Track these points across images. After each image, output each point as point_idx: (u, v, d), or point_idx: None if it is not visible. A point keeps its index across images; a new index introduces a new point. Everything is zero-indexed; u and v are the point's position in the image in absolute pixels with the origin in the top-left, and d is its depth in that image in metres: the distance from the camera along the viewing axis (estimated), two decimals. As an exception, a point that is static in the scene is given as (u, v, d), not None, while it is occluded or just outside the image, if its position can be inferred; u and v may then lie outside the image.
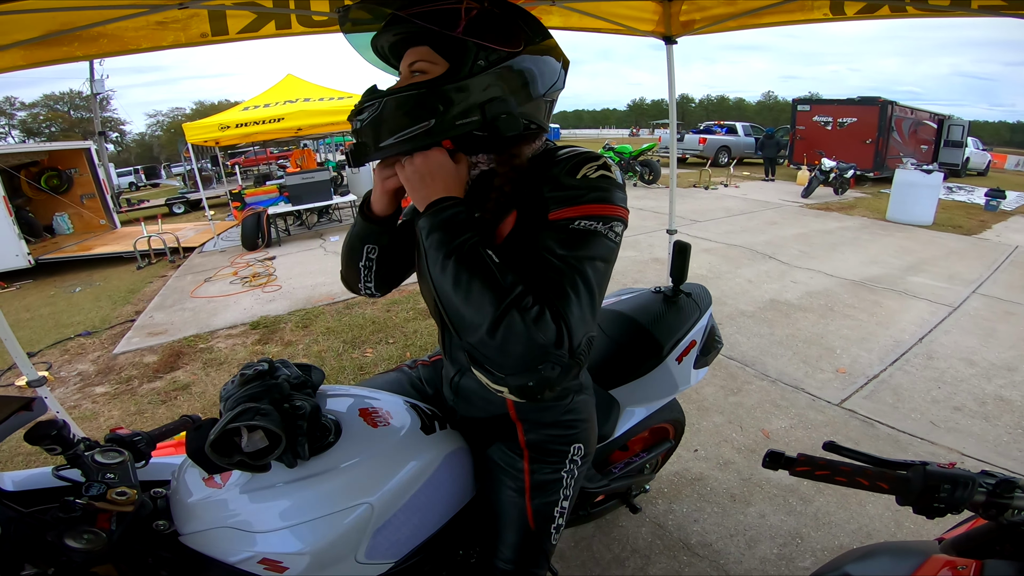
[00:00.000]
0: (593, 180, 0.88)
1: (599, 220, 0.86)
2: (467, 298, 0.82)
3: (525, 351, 0.80)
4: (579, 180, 0.88)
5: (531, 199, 0.92)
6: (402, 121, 0.91)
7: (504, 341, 0.79)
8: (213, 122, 9.15)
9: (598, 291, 0.86)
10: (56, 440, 0.94)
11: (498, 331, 0.79)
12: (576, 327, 0.81)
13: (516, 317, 0.79)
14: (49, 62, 2.20)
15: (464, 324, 0.84)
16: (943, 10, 2.38)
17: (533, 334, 0.78)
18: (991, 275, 6.16)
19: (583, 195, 0.87)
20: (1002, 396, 3.40)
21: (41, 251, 8.92)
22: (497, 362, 0.83)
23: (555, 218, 0.87)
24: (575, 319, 0.81)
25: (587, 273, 0.84)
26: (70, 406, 3.67)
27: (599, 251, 0.86)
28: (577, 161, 0.90)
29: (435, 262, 0.86)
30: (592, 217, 0.86)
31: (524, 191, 0.93)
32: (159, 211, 14.21)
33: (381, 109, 0.92)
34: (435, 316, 1.20)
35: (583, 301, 0.83)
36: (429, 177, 0.91)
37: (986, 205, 11.09)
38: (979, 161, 19.88)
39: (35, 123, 41.30)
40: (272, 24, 2.43)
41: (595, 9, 2.98)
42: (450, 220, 0.87)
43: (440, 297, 0.87)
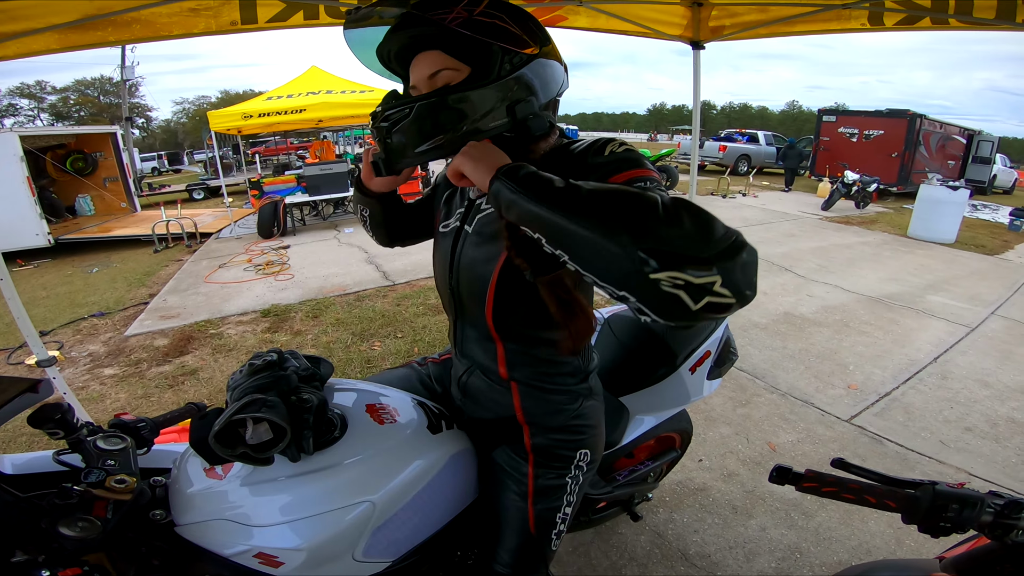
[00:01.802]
0: (620, 154, 0.86)
1: (643, 180, 0.80)
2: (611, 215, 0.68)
3: (698, 217, 0.67)
4: (608, 156, 0.87)
5: None
6: (436, 126, 0.91)
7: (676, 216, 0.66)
8: (237, 111, 9.24)
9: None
10: (59, 424, 0.93)
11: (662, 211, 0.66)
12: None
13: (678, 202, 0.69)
14: (82, 46, 2.23)
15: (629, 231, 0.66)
16: (987, 23, 2.32)
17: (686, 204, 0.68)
18: (1011, 296, 6.03)
19: (618, 167, 0.84)
20: (1014, 418, 3.33)
21: (62, 231, 9.06)
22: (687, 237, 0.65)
23: None
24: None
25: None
26: (78, 387, 3.72)
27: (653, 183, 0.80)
28: (600, 144, 0.89)
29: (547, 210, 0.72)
30: (635, 179, 0.80)
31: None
32: (179, 196, 14.37)
33: (413, 115, 0.91)
34: (448, 309, 1.20)
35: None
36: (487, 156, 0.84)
37: (1010, 225, 10.86)
38: (1006, 179, 19.48)
39: (65, 107, 41.96)
40: (300, 14, 2.45)
41: (623, 11, 2.96)
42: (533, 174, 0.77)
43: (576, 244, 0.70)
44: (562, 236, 0.71)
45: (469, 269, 1.06)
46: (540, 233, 0.73)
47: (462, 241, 1.08)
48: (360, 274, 6.33)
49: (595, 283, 0.70)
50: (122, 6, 2.07)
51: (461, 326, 1.18)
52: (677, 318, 0.65)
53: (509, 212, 0.77)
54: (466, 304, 1.11)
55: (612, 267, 0.66)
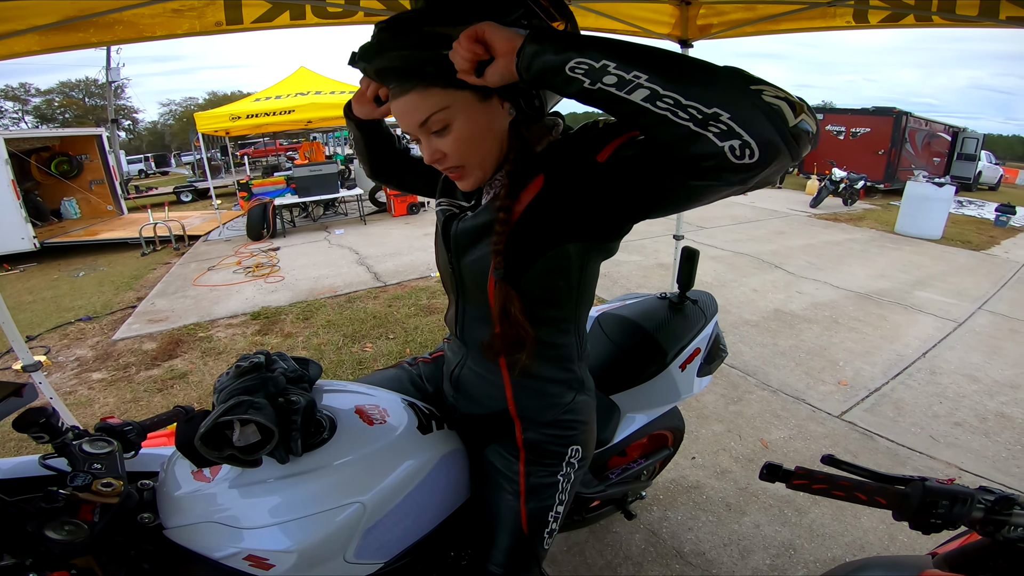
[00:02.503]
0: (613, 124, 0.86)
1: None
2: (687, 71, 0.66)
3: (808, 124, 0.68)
4: (602, 128, 0.87)
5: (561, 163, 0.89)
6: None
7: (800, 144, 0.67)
8: (224, 112, 9.18)
9: None
10: (44, 428, 0.92)
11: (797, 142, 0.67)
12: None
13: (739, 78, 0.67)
14: (65, 48, 2.21)
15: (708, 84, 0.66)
16: (970, 20, 2.35)
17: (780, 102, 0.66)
18: (998, 292, 6.10)
19: (621, 129, 0.83)
20: (1003, 413, 3.37)
21: (47, 235, 8.96)
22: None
23: (604, 157, 0.82)
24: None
25: None
26: (66, 392, 3.68)
27: None
28: (592, 121, 0.90)
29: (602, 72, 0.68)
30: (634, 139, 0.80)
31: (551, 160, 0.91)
32: (166, 199, 14.24)
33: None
34: (449, 290, 1.18)
35: None
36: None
37: (996, 220, 10.99)
38: (991, 175, 19.71)
39: (49, 109, 41.49)
40: (287, 15, 2.44)
41: (612, 10, 2.96)
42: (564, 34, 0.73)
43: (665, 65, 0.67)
44: (647, 58, 0.67)
45: (469, 250, 1.03)
46: (613, 59, 0.67)
47: (457, 222, 1.05)
48: (351, 275, 6.30)
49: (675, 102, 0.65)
50: (104, 7, 2.05)
51: (463, 306, 1.15)
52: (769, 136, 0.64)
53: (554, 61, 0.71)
54: (467, 284, 1.09)
55: (712, 85, 0.65)
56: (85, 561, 0.89)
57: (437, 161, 0.92)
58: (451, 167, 0.93)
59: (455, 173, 0.94)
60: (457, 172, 0.94)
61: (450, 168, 0.93)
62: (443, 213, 1.10)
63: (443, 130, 0.88)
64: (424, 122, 0.87)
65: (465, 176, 0.94)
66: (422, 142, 0.91)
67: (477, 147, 0.91)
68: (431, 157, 0.91)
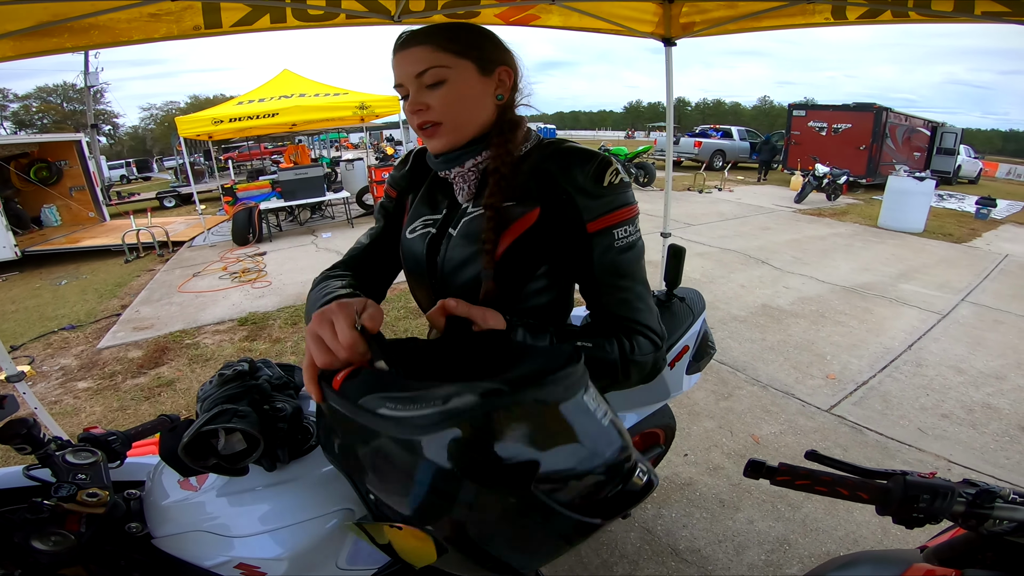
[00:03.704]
0: (617, 186, 0.94)
1: (630, 224, 0.96)
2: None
3: (647, 373, 0.95)
4: (607, 188, 0.94)
5: (557, 201, 0.95)
6: None
7: (634, 381, 0.94)
8: (206, 116, 9.08)
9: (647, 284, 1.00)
10: (26, 439, 0.92)
11: (630, 380, 0.93)
12: (654, 323, 0.96)
13: (630, 362, 0.91)
14: (39, 53, 2.17)
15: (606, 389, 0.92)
16: (946, 15, 2.37)
17: (644, 360, 0.92)
18: (980, 283, 6.19)
19: (614, 201, 0.94)
20: (990, 404, 3.41)
21: (28, 243, 8.82)
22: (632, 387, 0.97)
23: (595, 230, 0.94)
24: (651, 319, 0.95)
25: (640, 278, 0.98)
26: (51, 401, 3.62)
27: (637, 255, 0.98)
28: (597, 167, 0.94)
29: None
30: (624, 223, 0.95)
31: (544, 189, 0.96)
32: (149, 204, 14.09)
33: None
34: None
35: (645, 299, 0.97)
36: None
37: (976, 213, 11.17)
38: (971, 169, 20.01)
39: (27, 115, 40.89)
40: (267, 18, 2.41)
41: (595, 9, 2.96)
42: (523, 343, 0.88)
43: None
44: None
45: (458, 271, 1.01)
46: None
47: (445, 244, 1.03)
48: (338, 279, 6.25)
49: None
50: (79, 11, 2.01)
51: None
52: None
53: None
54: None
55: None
56: (75, 571, 0.88)
57: (418, 112, 0.94)
58: (428, 121, 0.94)
59: (429, 130, 0.96)
60: (431, 129, 0.95)
61: (426, 123, 0.95)
62: (423, 239, 1.06)
63: (436, 85, 0.92)
64: (422, 73, 0.92)
65: (438, 135, 0.96)
66: (409, 93, 0.95)
67: (460, 110, 0.95)
68: (413, 107, 0.94)
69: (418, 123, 0.96)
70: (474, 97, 0.96)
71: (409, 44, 0.93)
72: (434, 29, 0.93)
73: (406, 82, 0.94)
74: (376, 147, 16.61)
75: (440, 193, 1.09)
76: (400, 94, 0.97)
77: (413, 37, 0.94)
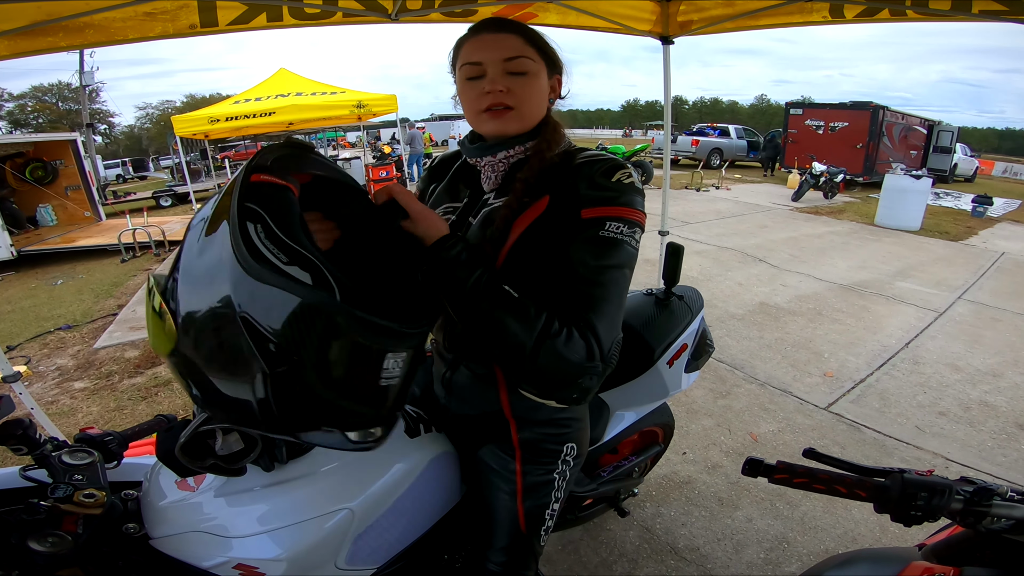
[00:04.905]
0: (626, 185, 0.96)
1: (626, 224, 0.94)
2: (499, 336, 0.89)
3: (563, 373, 0.89)
4: (614, 183, 0.95)
5: (565, 189, 0.98)
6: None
7: (543, 368, 0.88)
8: (203, 115, 9.06)
9: (622, 297, 0.94)
10: (22, 440, 0.91)
11: (537, 361, 0.87)
12: (604, 336, 0.89)
13: (548, 346, 0.86)
14: (33, 52, 2.14)
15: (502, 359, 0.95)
16: (943, 14, 2.38)
17: (567, 356, 0.87)
18: (977, 281, 6.21)
19: (616, 197, 0.95)
20: (987, 402, 3.42)
21: (24, 243, 8.77)
22: (540, 386, 0.95)
23: (588, 216, 0.94)
24: (602, 329, 0.89)
25: (614, 282, 0.93)
26: (47, 402, 3.60)
27: (623, 259, 0.94)
28: (611, 166, 0.97)
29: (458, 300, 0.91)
30: (620, 220, 0.93)
31: (557, 181, 0.99)
32: (145, 204, 14.02)
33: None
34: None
35: (609, 309, 0.91)
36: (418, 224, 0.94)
37: (973, 211, 11.20)
38: (967, 167, 20.08)
39: (22, 114, 40.71)
40: (263, 16, 2.40)
41: (593, 7, 2.96)
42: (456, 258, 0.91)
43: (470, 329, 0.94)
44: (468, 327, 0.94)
45: None
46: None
47: (463, 231, 1.09)
48: (336, 278, 6.24)
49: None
50: (73, 10, 2.00)
51: (443, 327, 1.18)
52: None
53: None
54: None
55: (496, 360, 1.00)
56: (72, 572, 0.88)
57: (496, 92, 0.99)
58: (503, 104, 1.00)
59: (501, 111, 1.01)
60: (502, 111, 1.01)
61: (501, 105, 1.00)
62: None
63: (519, 74, 1.00)
64: (512, 59, 0.99)
65: (509, 119, 1.01)
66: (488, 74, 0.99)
67: (533, 102, 1.03)
68: (493, 86, 0.99)
69: (491, 103, 1.00)
70: (543, 94, 1.05)
71: (502, 29, 1.00)
72: (522, 25, 1.02)
73: (489, 63, 0.99)
74: (373, 146, 16.59)
75: (463, 183, 1.17)
76: (469, 74, 1.01)
77: (505, 25, 1.01)
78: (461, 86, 1.05)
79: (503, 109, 1.00)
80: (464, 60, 1.01)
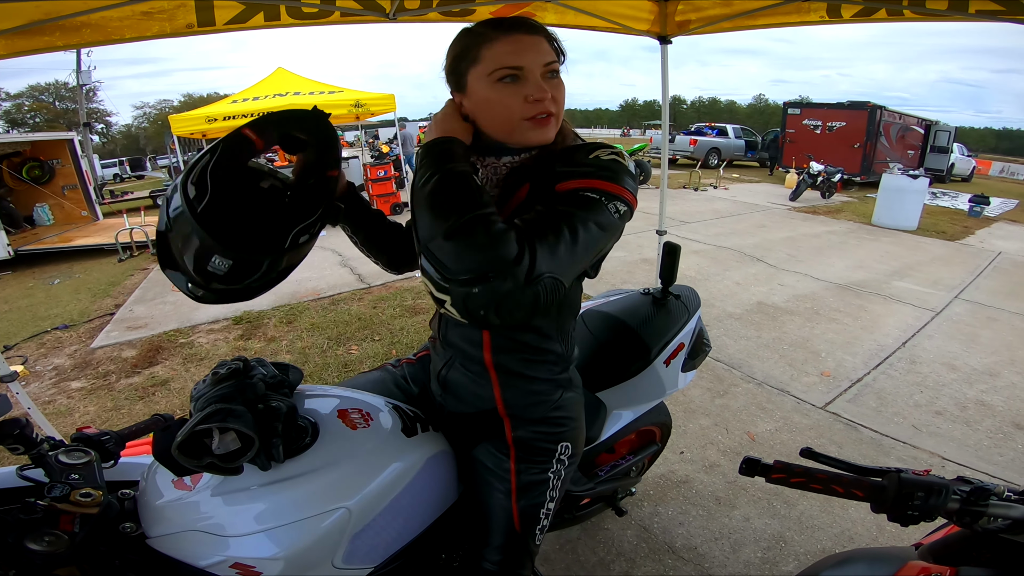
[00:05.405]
0: (604, 161, 0.92)
1: (603, 194, 0.88)
2: (436, 204, 0.84)
3: (478, 256, 0.78)
4: (591, 159, 0.92)
5: (545, 175, 0.95)
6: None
7: (460, 244, 0.79)
8: (200, 114, 9.04)
9: (582, 247, 0.84)
10: (19, 440, 0.91)
11: (457, 234, 0.79)
12: (541, 257, 0.79)
13: (479, 227, 0.79)
14: (30, 52, 2.14)
15: (425, 226, 0.83)
16: (940, 14, 2.38)
17: (491, 243, 0.78)
18: (974, 280, 6.23)
19: (592, 172, 0.90)
20: (983, 401, 3.43)
21: (21, 242, 8.74)
22: (446, 264, 0.80)
23: (561, 189, 0.90)
24: (543, 250, 0.80)
25: (576, 223, 0.84)
26: (44, 401, 3.60)
27: (596, 215, 0.86)
28: (593, 145, 0.96)
29: (419, 179, 0.89)
30: (596, 190, 0.88)
31: (539, 169, 0.97)
32: (143, 203, 13.96)
33: None
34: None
35: (560, 242, 0.82)
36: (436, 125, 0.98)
37: (970, 211, 11.23)
38: (964, 167, 20.13)
39: (19, 114, 40.62)
40: (261, 16, 2.39)
41: (591, 7, 2.96)
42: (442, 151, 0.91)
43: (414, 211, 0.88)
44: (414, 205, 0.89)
45: None
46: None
47: None
48: (334, 277, 6.24)
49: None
50: (70, 10, 1.99)
51: (446, 317, 1.18)
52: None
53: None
54: None
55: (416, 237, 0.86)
56: (69, 571, 0.88)
57: (541, 100, 0.94)
58: (548, 112, 0.96)
59: (545, 119, 0.96)
60: (547, 119, 0.96)
61: (545, 112, 0.96)
62: None
63: (554, 76, 0.98)
64: (549, 63, 0.96)
65: (552, 126, 0.98)
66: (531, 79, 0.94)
67: (563, 103, 1.00)
68: (542, 93, 0.94)
69: (540, 111, 0.95)
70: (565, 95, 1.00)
71: (536, 32, 0.96)
72: (542, 26, 0.99)
73: (531, 67, 0.94)
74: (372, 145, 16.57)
75: None
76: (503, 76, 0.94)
77: (536, 27, 0.97)
78: (490, 91, 0.95)
79: (547, 116, 0.96)
80: (499, 63, 0.93)
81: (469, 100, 0.99)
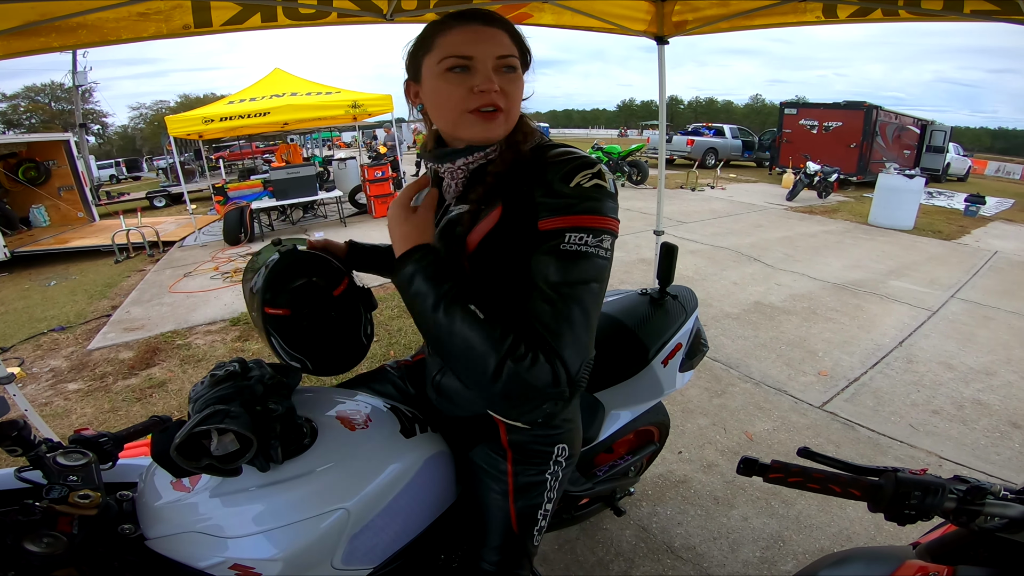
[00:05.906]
0: (586, 189, 0.86)
1: (589, 233, 0.85)
2: (462, 355, 0.83)
3: (526, 397, 0.82)
4: (572, 189, 0.87)
5: (520, 197, 0.91)
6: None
7: (505, 393, 0.81)
8: (196, 115, 9.00)
9: (592, 314, 0.85)
10: (16, 441, 0.91)
11: (497, 384, 0.80)
12: (571, 360, 0.81)
13: (511, 370, 0.79)
14: (26, 53, 2.14)
15: (465, 378, 0.88)
16: (935, 14, 2.39)
17: (530, 382, 0.79)
18: (970, 280, 6.25)
19: (574, 205, 0.86)
20: (980, 400, 3.44)
21: (17, 244, 8.72)
22: (502, 409, 0.96)
23: (545, 228, 0.87)
24: (569, 353, 0.81)
25: (581, 299, 0.83)
26: (41, 403, 3.59)
27: (591, 273, 0.85)
28: (572, 167, 0.88)
29: (422, 315, 0.88)
30: (582, 230, 0.85)
31: (512, 185, 0.93)
32: (139, 204, 13.98)
33: None
34: None
35: (577, 330, 0.82)
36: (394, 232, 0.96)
37: (966, 210, 11.26)
38: (960, 167, 20.17)
39: (15, 115, 40.49)
40: (258, 16, 2.40)
41: (588, 8, 2.96)
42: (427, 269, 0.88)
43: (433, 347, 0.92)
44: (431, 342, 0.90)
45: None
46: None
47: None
48: (331, 278, 6.21)
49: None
50: (67, 10, 1.99)
51: None
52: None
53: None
54: None
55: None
56: (67, 573, 0.88)
57: (492, 92, 0.90)
58: (495, 105, 0.91)
59: (492, 113, 0.92)
60: (494, 113, 0.92)
61: (492, 105, 0.91)
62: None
63: (509, 71, 0.93)
64: (504, 56, 0.91)
65: (499, 122, 0.93)
66: (480, 70, 0.90)
67: (518, 102, 0.97)
68: (489, 84, 0.89)
69: (484, 103, 0.90)
70: (522, 91, 0.97)
71: (493, 23, 0.92)
72: (507, 20, 0.95)
73: (481, 58, 0.90)
74: (369, 146, 16.55)
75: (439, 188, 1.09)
76: (452, 66, 0.90)
77: (494, 19, 0.93)
78: (438, 80, 0.92)
79: (493, 111, 0.91)
80: (449, 51, 0.89)
81: (422, 89, 0.97)
